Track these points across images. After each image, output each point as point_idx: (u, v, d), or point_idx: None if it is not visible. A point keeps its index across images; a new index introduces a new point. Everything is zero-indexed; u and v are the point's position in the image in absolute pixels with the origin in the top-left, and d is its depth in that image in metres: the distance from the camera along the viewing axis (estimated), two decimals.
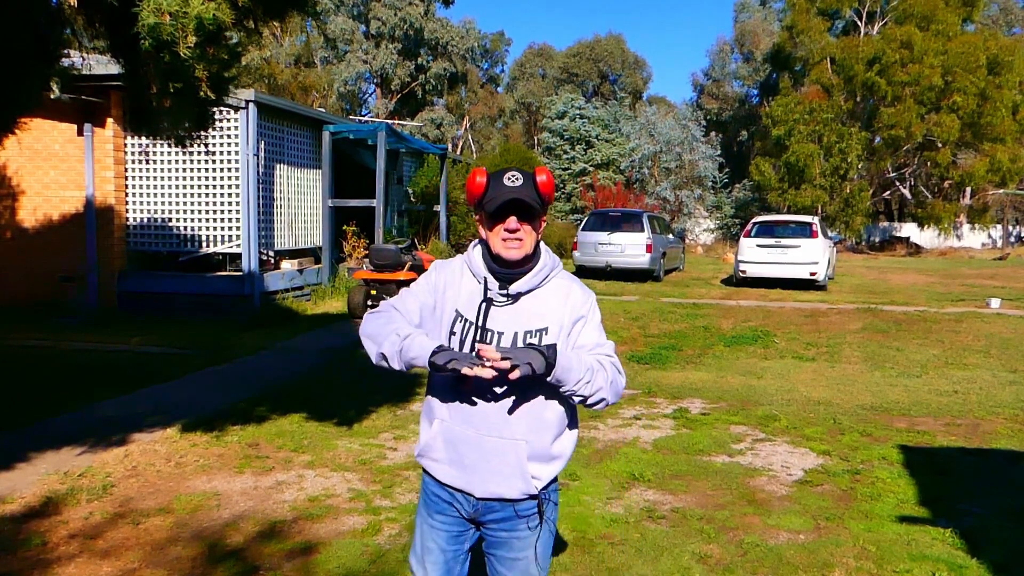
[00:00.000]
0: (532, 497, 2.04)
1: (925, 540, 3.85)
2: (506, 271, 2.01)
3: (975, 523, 4.05)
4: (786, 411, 6.42)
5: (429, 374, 2.02)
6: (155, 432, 5.52)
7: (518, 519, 2.05)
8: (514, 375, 1.82)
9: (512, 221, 1.96)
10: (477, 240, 2.15)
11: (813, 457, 5.22)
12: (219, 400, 6.45)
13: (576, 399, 1.98)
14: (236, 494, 4.41)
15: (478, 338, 1.98)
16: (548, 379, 1.89)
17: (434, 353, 1.88)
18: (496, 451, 1.99)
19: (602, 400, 1.98)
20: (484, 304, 2.01)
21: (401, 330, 1.97)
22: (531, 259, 2.03)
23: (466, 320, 2.01)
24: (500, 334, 1.99)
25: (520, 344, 1.98)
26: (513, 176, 1.98)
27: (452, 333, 2.02)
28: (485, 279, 2.02)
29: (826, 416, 6.29)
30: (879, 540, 3.85)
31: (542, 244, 2.09)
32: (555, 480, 2.12)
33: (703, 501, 4.39)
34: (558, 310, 2.03)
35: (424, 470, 2.14)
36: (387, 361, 1.99)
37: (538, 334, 2.00)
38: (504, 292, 2.01)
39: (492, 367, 1.80)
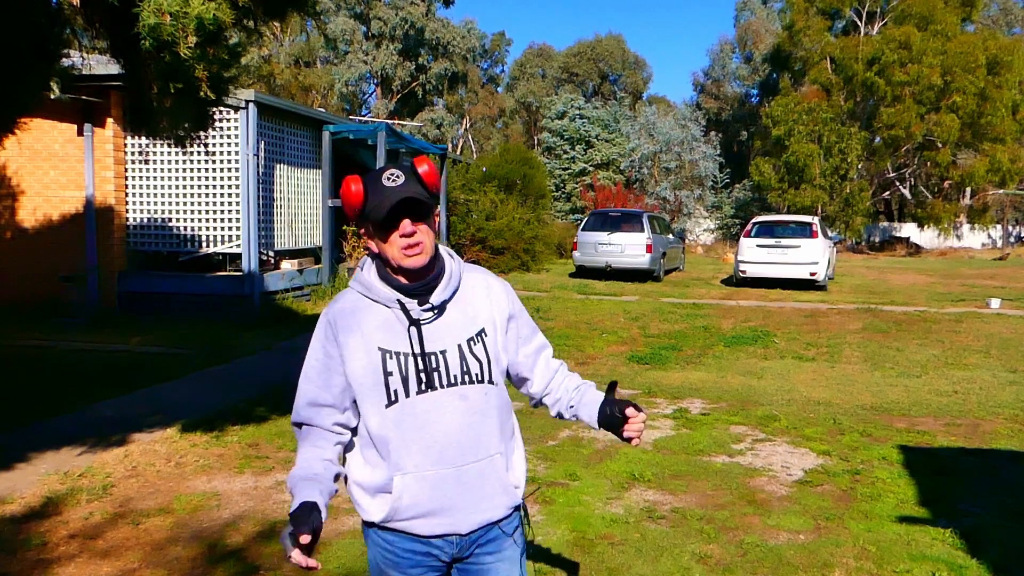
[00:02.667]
0: (515, 508, 1.91)
1: (925, 540, 3.85)
2: (418, 284, 1.79)
3: (975, 523, 4.05)
4: (786, 411, 6.42)
5: (357, 431, 1.85)
6: (155, 432, 5.52)
7: (504, 537, 1.89)
8: None
9: (406, 224, 1.74)
10: (365, 259, 1.89)
11: (813, 457, 5.22)
12: (219, 400, 6.45)
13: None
14: (236, 494, 4.41)
15: (422, 366, 1.77)
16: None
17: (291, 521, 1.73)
18: (477, 476, 1.81)
19: None
20: (413, 328, 1.78)
21: (300, 472, 1.79)
22: (435, 261, 1.82)
23: (398, 354, 1.77)
24: (443, 352, 1.79)
25: (468, 357, 1.81)
26: (393, 174, 1.76)
27: (388, 374, 1.76)
28: (398, 301, 1.79)
29: (826, 416, 6.29)
30: (879, 540, 3.85)
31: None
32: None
33: (703, 501, 4.39)
34: (486, 308, 1.87)
35: (387, 532, 1.83)
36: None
37: (479, 339, 1.83)
38: (427, 307, 1.80)
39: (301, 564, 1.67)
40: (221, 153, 11.13)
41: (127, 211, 11.33)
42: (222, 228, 11.27)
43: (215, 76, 4.36)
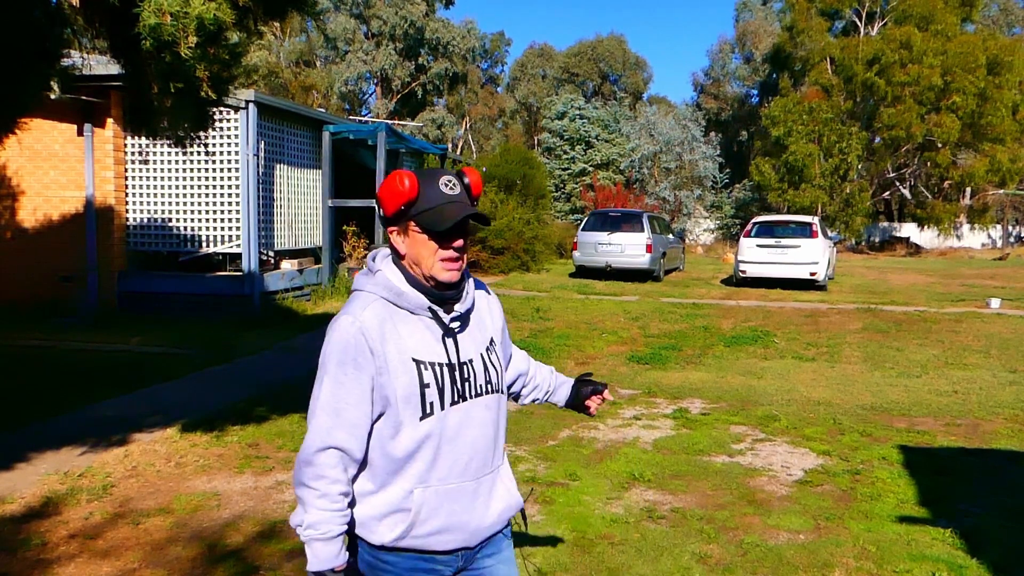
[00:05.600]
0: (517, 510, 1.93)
1: (925, 540, 3.85)
2: (452, 293, 1.75)
3: (975, 523, 4.05)
4: (786, 411, 6.42)
5: (384, 445, 1.71)
6: (155, 432, 5.52)
7: (504, 540, 1.90)
8: None
9: (460, 242, 1.69)
10: (379, 261, 1.76)
11: (813, 457, 5.22)
12: (219, 400, 6.45)
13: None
14: (236, 494, 4.41)
15: (457, 376, 1.72)
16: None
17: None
18: (488, 486, 1.81)
19: None
20: (448, 338, 1.74)
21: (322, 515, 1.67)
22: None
23: (433, 364, 1.70)
24: (471, 362, 1.77)
25: (489, 366, 1.80)
26: (450, 181, 1.68)
27: (425, 386, 1.68)
28: (430, 309, 1.72)
29: (826, 416, 6.29)
30: (879, 540, 3.85)
31: None
32: None
33: (703, 501, 4.39)
34: (489, 319, 1.89)
35: (390, 552, 1.74)
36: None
37: (492, 348, 1.84)
38: (455, 315, 1.76)
39: None
40: (221, 153, 11.13)
41: (127, 211, 11.33)
42: (222, 228, 11.27)
43: (216, 76, 4.35)
